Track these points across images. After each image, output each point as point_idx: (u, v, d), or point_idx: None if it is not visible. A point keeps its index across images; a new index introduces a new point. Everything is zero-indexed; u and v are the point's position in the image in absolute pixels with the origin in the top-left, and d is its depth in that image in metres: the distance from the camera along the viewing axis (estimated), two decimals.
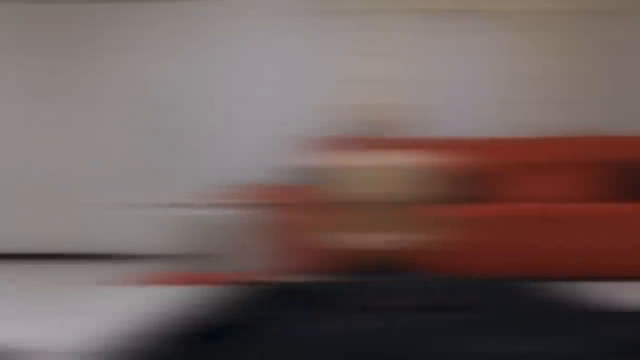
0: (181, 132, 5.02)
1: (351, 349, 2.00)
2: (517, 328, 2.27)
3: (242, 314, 2.13)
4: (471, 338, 2.12)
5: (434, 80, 4.91)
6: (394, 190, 2.87)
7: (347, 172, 2.93)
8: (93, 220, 4.99)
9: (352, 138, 3.01)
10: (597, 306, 2.51)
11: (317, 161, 3.06)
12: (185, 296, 3.02)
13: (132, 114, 5.08)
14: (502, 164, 4.48)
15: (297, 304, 2.56)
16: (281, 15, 5.01)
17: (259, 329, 1.97)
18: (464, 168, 4.51)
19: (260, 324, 2.03)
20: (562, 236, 3.70)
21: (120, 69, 5.08)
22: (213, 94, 5.01)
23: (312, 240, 3.01)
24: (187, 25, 5.04)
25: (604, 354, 1.83)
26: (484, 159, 4.53)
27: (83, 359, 1.86)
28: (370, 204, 2.86)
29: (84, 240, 4.95)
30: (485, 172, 4.40)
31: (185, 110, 5.03)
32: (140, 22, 5.07)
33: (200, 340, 1.85)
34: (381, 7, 4.91)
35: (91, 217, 5.01)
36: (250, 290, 2.68)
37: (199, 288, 3.36)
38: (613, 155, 4.41)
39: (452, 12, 4.94)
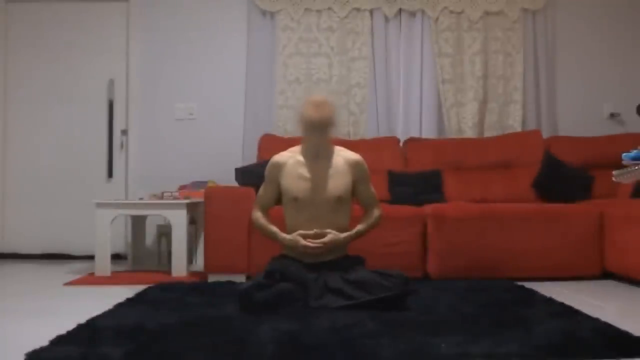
0: (132, 131, 5.02)
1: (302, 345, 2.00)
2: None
3: None
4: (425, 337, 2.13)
5: (375, 81, 4.93)
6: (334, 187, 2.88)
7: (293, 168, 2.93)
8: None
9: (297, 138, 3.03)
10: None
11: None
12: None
13: (82, 111, 5.07)
14: (442, 164, 4.48)
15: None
16: (226, 14, 5.02)
17: None
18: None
19: None
20: (501, 236, 3.70)
21: (69, 67, 5.08)
22: (161, 91, 5.02)
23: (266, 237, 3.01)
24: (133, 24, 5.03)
25: None
26: (425, 159, 4.53)
27: None
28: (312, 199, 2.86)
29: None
30: (427, 173, 4.39)
31: (135, 108, 5.03)
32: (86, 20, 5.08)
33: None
34: (326, 7, 4.92)
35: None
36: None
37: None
38: (549, 155, 4.42)
39: (390, 14, 4.95)
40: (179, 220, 3.98)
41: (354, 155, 2.99)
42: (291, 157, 2.96)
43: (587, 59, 5.06)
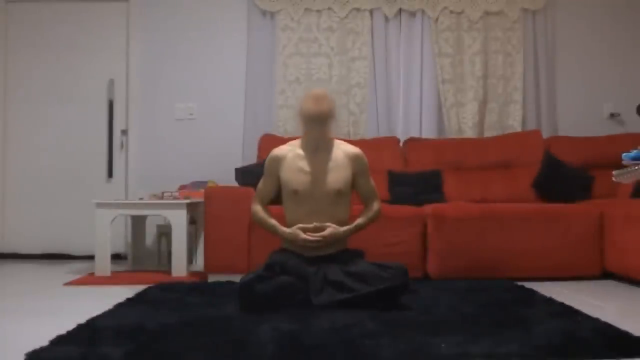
0: (132, 131, 5.02)
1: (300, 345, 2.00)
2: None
3: None
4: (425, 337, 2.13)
5: (375, 81, 4.92)
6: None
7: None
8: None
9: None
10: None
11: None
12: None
13: (82, 111, 5.06)
14: (442, 164, 4.48)
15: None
16: (226, 14, 5.02)
17: None
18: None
19: None
20: (501, 236, 3.70)
21: (69, 67, 5.07)
22: (161, 91, 5.01)
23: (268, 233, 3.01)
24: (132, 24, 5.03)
25: None
26: (425, 159, 4.52)
27: None
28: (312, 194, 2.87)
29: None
30: (427, 173, 4.39)
31: (135, 108, 5.02)
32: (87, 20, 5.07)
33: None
34: (326, 7, 4.92)
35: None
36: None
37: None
38: (549, 155, 4.42)
39: (390, 14, 4.95)
40: (179, 220, 3.98)
41: (353, 149, 2.99)
42: (291, 151, 2.97)
43: (587, 59, 5.06)
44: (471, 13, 4.95)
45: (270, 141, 4.52)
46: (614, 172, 2.93)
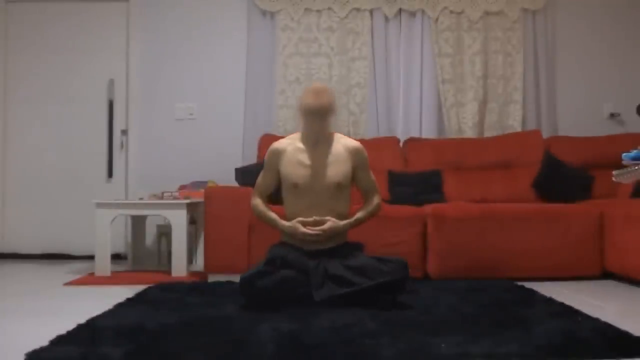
0: (132, 131, 5.02)
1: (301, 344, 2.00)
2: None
3: None
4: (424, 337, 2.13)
5: (375, 81, 4.92)
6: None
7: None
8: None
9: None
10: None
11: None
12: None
13: (82, 111, 5.06)
14: (442, 164, 4.48)
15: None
16: (226, 14, 5.02)
17: None
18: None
19: None
20: (501, 236, 3.70)
21: (69, 67, 5.07)
22: (161, 91, 5.01)
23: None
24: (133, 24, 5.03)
25: None
26: (425, 159, 4.52)
27: None
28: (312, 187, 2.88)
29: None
30: (427, 173, 4.39)
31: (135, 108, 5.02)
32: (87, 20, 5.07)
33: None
34: (326, 7, 4.92)
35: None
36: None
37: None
38: (548, 155, 4.42)
39: (390, 14, 4.95)
40: (179, 220, 3.98)
41: (353, 143, 3.00)
42: (290, 144, 2.98)
43: (587, 59, 5.06)
44: (471, 13, 4.95)
45: (270, 141, 4.46)
46: (614, 172, 2.93)
